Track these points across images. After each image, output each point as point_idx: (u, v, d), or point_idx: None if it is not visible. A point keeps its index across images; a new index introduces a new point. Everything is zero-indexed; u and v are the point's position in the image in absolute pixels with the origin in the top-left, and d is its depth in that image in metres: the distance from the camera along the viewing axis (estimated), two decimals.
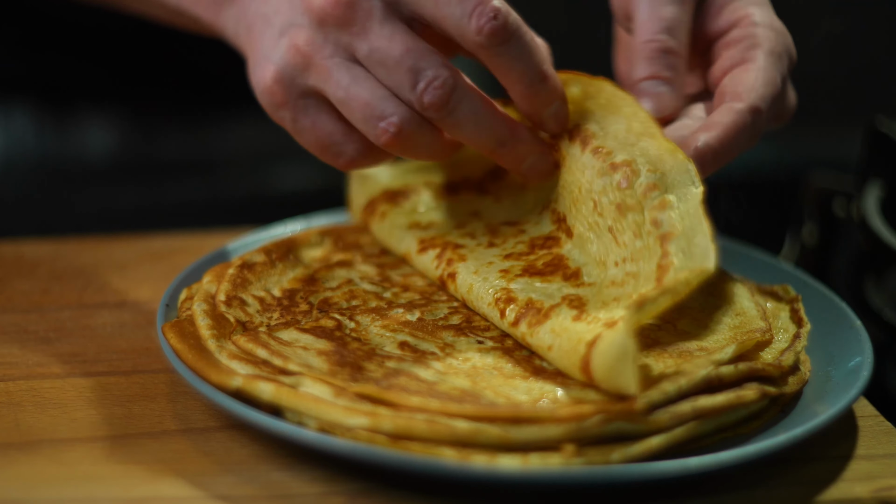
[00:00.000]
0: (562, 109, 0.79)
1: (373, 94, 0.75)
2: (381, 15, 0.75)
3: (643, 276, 0.75)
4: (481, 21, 0.73)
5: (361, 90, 0.75)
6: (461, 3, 0.73)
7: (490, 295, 0.81)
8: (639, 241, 0.77)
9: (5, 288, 0.95)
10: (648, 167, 0.77)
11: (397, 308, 0.84)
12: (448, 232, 0.89)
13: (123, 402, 0.78)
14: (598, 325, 0.73)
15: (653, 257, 0.75)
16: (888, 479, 0.72)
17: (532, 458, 0.67)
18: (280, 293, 0.85)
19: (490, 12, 0.73)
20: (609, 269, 0.79)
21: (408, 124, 0.75)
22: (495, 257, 0.85)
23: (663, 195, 0.76)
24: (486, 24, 0.73)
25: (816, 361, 0.81)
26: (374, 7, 0.75)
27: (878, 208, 0.99)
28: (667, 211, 0.76)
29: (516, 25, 0.74)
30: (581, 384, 0.73)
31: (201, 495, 0.69)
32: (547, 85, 0.77)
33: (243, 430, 0.75)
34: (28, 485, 0.69)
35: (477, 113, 0.75)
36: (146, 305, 0.91)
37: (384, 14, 0.75)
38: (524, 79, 0.76)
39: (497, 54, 0.74)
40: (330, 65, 0.76)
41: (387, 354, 0.76)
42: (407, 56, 0.74)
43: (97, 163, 1.27)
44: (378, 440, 0.68)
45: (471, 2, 0.73)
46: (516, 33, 0.74)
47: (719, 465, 0.68)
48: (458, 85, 0.74)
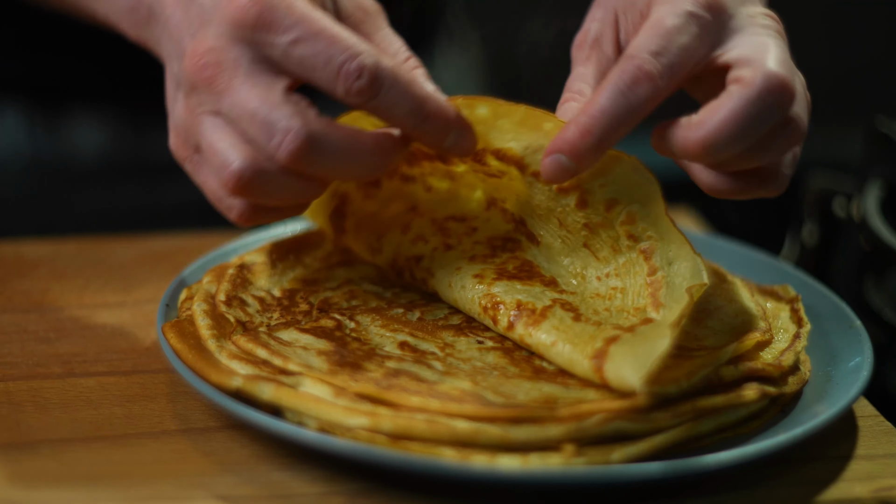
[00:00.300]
0: (461, 138, 0.78)
1: (222, 144, 0.76)
2: (245, 71, 0.75)
3: (631, 292, 0.77)
4: (348, 83, 0.73)
5: (216, 141, 0.76)
6: (326, 67, 0.73)
7: (476, 304, 0.81)
8: (620, 256, 0.78)
9: (5, 288, 0.95)
10: (599, 182, 0.77)
11: (397, 308, 0.84)
12: (399, 243, 0.88)
13: (123, 402, 0.78)
14: (608, 329, 0.73)
15: (639, 272, 0.77)
16: (888, 479, 0.72)
17: (532, 458, 0.67)
18: (280, 293, 0.85)
19: (355, 73, 0.73)
20: (590, 283, 0.80)
21: (249, 172, 0.75)
22: (461, 261, 0.84)
23: (626, 208, 0.77)
24: (353, 84, 0.73)
25: (816, 361, 0.81)
26: (240, 63, 0.75)
27: (878, 208, 0.99)
28: (637, 223, 0.77)
29: (385, 75, 0.73)
30: (581, 384, 0.73)
31: (201, 495, 0.69)
32: (432, 123, 0.76)
33: (243, 430, 0.75)
34: (28, 485, 0.69)
35: (338, 153, 0.75)
36: (146, 305, 0.91)
37: (249, 70, 0.75)
38: (406, 123, 0.76)
39: (372, 107, 0.75)
40: (201, 121, 0.77)
41: (387, 354, 0.76)
42: (259, 111, 0.74)
43: (92, 163, 1.27)
44: (378, 440, 0.68)
45: (335, 64, 0.73)
46: (386, 83, 0.74)
47: (719, 465, 0.68)
48: (311, 133, 0.73)
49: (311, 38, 0.73)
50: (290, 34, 0.74)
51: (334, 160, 0.74)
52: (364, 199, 0.89)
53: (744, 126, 0.72)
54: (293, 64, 0.74)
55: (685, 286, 0.75)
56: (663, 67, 0.74)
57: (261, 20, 0.74)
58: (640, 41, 0.75)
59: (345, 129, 0.75)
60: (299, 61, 0.74)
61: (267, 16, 0.74)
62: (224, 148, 0.75)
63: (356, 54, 0.73)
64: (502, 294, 0.80)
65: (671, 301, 0.75)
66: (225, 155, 0.75)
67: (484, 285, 0.81)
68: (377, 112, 0.75)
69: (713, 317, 0.83)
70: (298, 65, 0.74)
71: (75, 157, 1.27)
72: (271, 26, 0.74)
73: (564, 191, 0.78)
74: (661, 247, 0.77)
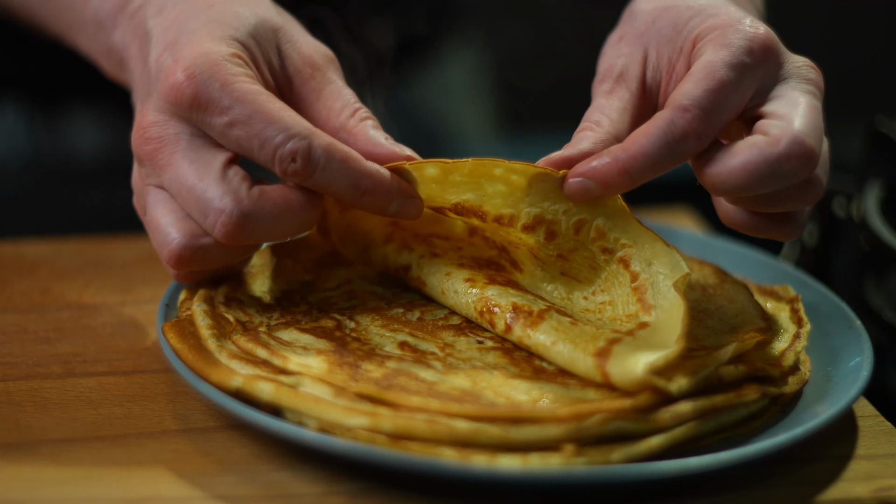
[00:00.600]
0: (405, 205, 0.79)
1: (163, 220, 0.77)
2: (184, 146, 0.76)
3: (620, 302, 0.78)
4: (283, 165, 0.74)
5: (158, 216, 0.77)
6: (262, 150, 0.74)
7: (472, 308, 0.81)
8: (601, 272, 0.79)
9: (5, 288, 0.95)
10: (562, 208, 0.78)
11: (397, 308, 0.84)
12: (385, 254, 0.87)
13: (123, 402, 0.78)
14: (608, 332, 0.74)
15: (622, 282, 0.78)
16: (888, 479, 0.72)
17: (532, 458, 0.67)
18: (280, 293, 0.85)
19: (289, 156, 0.74)
20: (577, 302, 0.81)
21: (188, 250, 0.77)
22: (450, 267, 0.84)
23: (592, 224, 0.78)
24: (288, 166, 0.74)
25: (816, 361, 0.81)
26: (181, 139, 0.76)
27: (878, 208, 0.99)
28: (608, 235, 0.78)
29: (318, 156, 0.74)
30: (581, 383, 0.73)
31: (201, 495, 0.69)
32: (371, 196, 0.77)
33: (243, 430, 0.75)
34: (28, 485, 0.69)
35: (270, 222, 0.75)
36: (146, 305, 0.91)
37: (188, 145, 0.76)
38: (345, 197, 0.77)
39: (310, 185, 0.76)
40: (148, 192, 0.78)
41: (387, 354, 0.76)
42: (195, 189, 0.75)
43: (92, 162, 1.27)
44: (378, 440, 0.68)
45: (270, 148, 0.74)
46: (321, 164, 0.74)
47: (719, 465, 0.68)
48: (243, 212, 0.74)
49: (247, 120, 0.74)
50: (226, 116, 0.74)
51: (267, 229, 0.76)
52: (341, 213, 0.89)
53: (757, 179, 0.73)
54: (230, 144, 0.75)
55: (669, 283, 0.75)
56: (712, 126, 0.74)
57: (196, 101, 0.75)
58: (692, 92, 0.74)
59: (276, 195, 0.75)
60: (236, 142, 0.75)
61: (202, 97, 0.75)
62: (165, 224, 0.77)
63: (290, 137, 0.74)
64: (496, 297, 0.80)
65: (659, 299, 0.75)
66: (166, 231, 0.77)
67: (477, 289, 0.81)
68: (317, 188, 0.76)
69: (713, 317, 0.83)
70: (235, 145, 0.75)
71: (75, 157, 1.27)
72: (207, 107, 0.75)
73: (530, 228, 0.78)
74: (637, 251, 0.77)
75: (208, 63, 0.75)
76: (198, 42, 0.76)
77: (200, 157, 0.75)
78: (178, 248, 0.76)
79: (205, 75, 0.74)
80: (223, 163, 0.75)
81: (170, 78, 0.75)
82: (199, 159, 0.75)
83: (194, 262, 0.77)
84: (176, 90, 0.75)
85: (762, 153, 0.72)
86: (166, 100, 0.76)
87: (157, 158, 0.76)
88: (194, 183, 0.75)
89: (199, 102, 0.74)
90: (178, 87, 0.75)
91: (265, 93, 0.75)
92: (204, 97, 0.74)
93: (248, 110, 0.74)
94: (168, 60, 0.77)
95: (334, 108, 0.80)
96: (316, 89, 0.81)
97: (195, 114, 0.75)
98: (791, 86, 0.77)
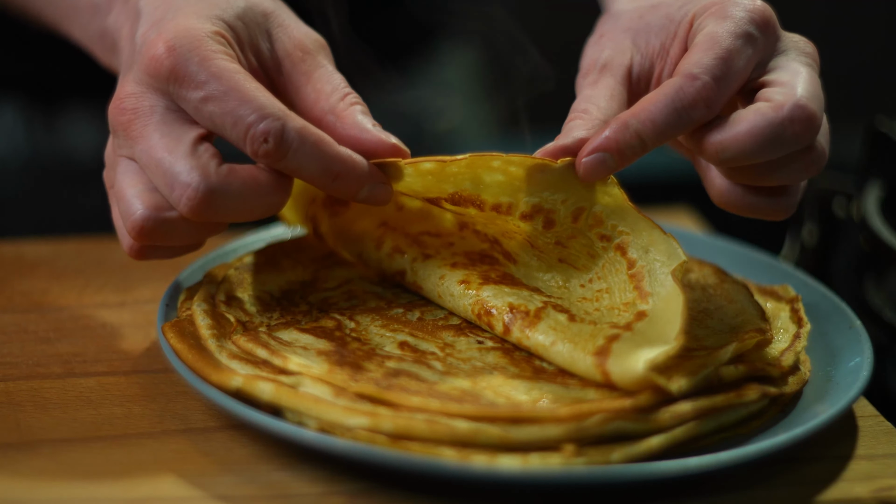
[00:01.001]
0: (375, 190, 0.79)
1: (130, 191, 0.77)
2: (158, 119, 0.76)
3: (617, 290, 0.78)
4: (255, 145, 0.74)
5: (125, 187, 0.77)
6: (234, 128, 0.74)
7: (469, 311, 0.81)
8: (599, 259, 0.79)
9: (5, 288, 0.95)
10: (560, 198, 0.78)
11: (397, 308, 0.84)
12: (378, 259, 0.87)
13: (123, 402, 0.78)
14: (605, 328, 0.74)
15: (619, 269, 0.77)
16: (888, 479, 0.72)
17: (532, 458, 0.67)
18: (279, 293, 0.85)
19: (261, 136, 0.73)
20: (574, 291, 0.80)
21: (150, 222, 0.76)
22: (443, 269, 0.83)
23: (590, 211, 0.78)
24: (260, 147, 0.74)
25: (816, 361, 0.81)
26: (155, 111, 0.76)
27: (878, 208, 0.99)
28: (605, 222, 0.78)
29: (291, 139, 0.74)
30: (582, 383, 0.73)
31: (201, 495, 0.69)
32: (342, 181, 0.77)
33: (243, 430, 0.75)
34: (28, 485, 0.69)
35: (237, 200, 0.75)
36: (146, 305, 0.91)
37: (162, 119, 0.76)
38: (316, 181, 0.76)
39: (281, 167, 0.75)
40: (118, 162, 0.78)
41: (387, 354, 0.76)
42: (163, 162, 0.74)
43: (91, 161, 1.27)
44: (378, 440, 0.68)
45: (242, 126, 0.73)
46: (293, 147, 0.74)
47: (719, 465, 0.68)
48: (209, 187, 0.74)
49: (221, 96, 0.74)
50: (202, 91, 0.74)
51: (233, 207, 0.75)
52: (332, 218, 0.89)
53: (762, 144, 0.73)
54: (204, 119, 0.75)
55: (666, 270, 0.75)
56: (721, 94, 0.75)
57: (174, 74, 0.75)
58: (700, 59, 0.75)
59: (245, 174, 0.75)
60: (209, 118, 0.75)
61: (180, 70, 0.74)
62: (131, 195, 0.76)
63: (263, 117, 0.73)
64: (492, 298, 0.79)
65: (656, 287, 0.75)
66: (130, 202, 0.76)
67: (472, 290, 0.81)
68: (287, 171, 0.76)
69: (713, 317, 0.83)
70: (209, 121, 0.75)
71: (74, 157, 1.27)
72: (184, 80, 0.75)
73: (529, 216, 0.78)
74: (634, 238, 0.77)
75: (190, 38, 0.75)
76: (183, 18, 0.77)
77: (172, 130, 0.75)
78: (141, 220, 0.76)
79: (184, 49, 0.74)
80: (194, 138, 0.75)
81: (151, 50, 0.75)
82: (171, 133, 0.75)
83: (156, 235, 0.76)
84: (155, 62, 0.75)
85: (767, 118, 0.73)
86: (145, 71, 0.76)
87: (130, 129, 0.76)
88: (163, 156, 0.74)
89: (177, 75, 0.74)
90: (157, 58, 0.75)
91: (243, 72, 0.75)
92: (181, 70, 0.74)
93: (224, 87, 0.74)
94: (153, 34, 0.77)
95: (323, 91, 0.80)
96: (306, 72, 0.81)
97: (172, 86, 0.75)
98: (791, 57, 0.78)
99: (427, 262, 0.84)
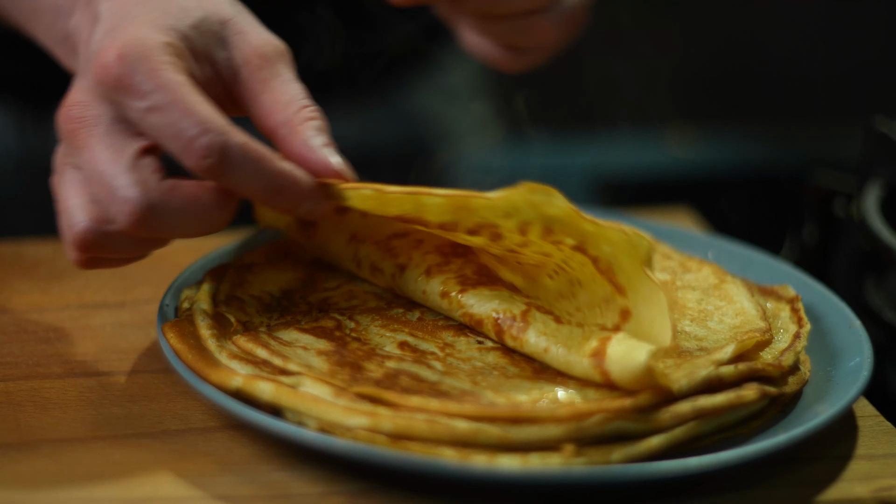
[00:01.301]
0: (316, 206, 0.77)
1: (72, 202, 0.76)
2: (103, 130, 0.75)
3: (587, 285, 0.76)
4: (196, 160, 0.73)
5: (68, 197, 0.76)
6: (176, 140, 0.73)
7: (461, 320, 0.81)
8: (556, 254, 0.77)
9: (5, 288, 0.95)
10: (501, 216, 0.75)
11: (397, 308, 0.84)
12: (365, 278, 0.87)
13: (123, 402, 0.78)
14: (595, 330, 0.74)
15: (583, 262, 0.75)
16: (888, 479, 0.72)
17: (532, 458, 0.67)
18: (279, 293, 0.85)
19: (202, 151, 0.72)
20: (546, 285, 0.79)
21: (91, 235, 0.75)
22: (422, 283, 0.83)
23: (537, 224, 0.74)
24: (201, 161, 0.73)
25: (816, 361, 0.81)
26: (101, 122, 0.75)
27: (878, 208, 0.99)
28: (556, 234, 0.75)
29: (233, 155, 0.73)
30: (581, 383, 0.73)
31: (201, 495, 0.69)
32: (283, 197, 0.76)
33: (243, 430, 0.75)
34: (28, 485, 0.69)
35: (178, 216, 0.74)
36: (146, 305, 0.91)
37: (107, 129, 0.75)
38: (258, 196, 0.76)
39: (223, 183, 0.74)
40: (63, 171, 0.77)
41: (387, 354, 0.76)
42: (105, 174, 0.74)
43: None
44: (378, 440, 0.68)
45: (183, 139, 0.72)
46: (235, 163, 0.73)
47: (719, 465, 0.68)
48: (149, 203, 0.73)
49: (165, 107, 0.73)
50: (146, 101, 0.73)
51: (174, 224, 0.74)
52: (308, 241, 0.88)
53: None
54: (148, 130, 0.74)
55: (628, 260, 0.73)
56: None
57: (120, 82, 0.74)
58: None
59: (187, 190, 0.74)
60: (153, 129, 0.74)
61: (127, 78, 0.74)
62: (73, 206, 0.76)
63: (205, 132, 0.72)
64: (476, 307, 0.79)
65: (628, 279, 0.73)
66: (72, 213, 0.76)
67: (455, 301, 0.80)
68: (230, 186, 0.75)
69: (713, 317, 0.83)
70: (153, 132, 0.74)
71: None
72: (130, 89, 0.74)
73: (474, 232, 0.76)
74: (590, 239, 0.75)
75: (140, 48, 0.74)
76: (136, 27, 0.76)
77: (116, 142, 0.74)
78: (83, 232, 0.75)
79: (133, 58, 0.74)
80: (137, 150, 0.74)
81: (102, 58, 0.75)
82: (114, 144, 0.74)
83: (97, 248, 0.76)
84: (104, 70, 0.74)
85: None
86: (94, 79, 0.75)
87: (76, 138, 0.76)
88: (105, 168, 0.74)
89: (123, 84, 0.74)
90: (106, 67, 0.74)
91: (189, 84, 0.74)
92: (128, 79, 0.73)
93: (168, 98, 0.73)
94: (106, 42, 0.76)
95: (280, 102, 0.79)
96: (263, 80, 0.79)
97: (118, 95, 0.74)
98: None
99: (405, 276, 0.84)
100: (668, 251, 0.94)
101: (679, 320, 0.82)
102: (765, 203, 0.87)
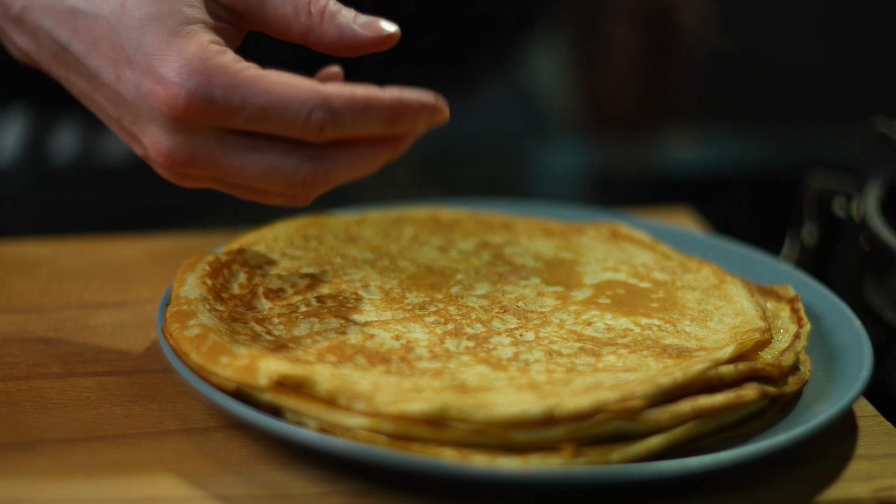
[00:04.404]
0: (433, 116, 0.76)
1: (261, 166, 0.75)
2: (221, 151, 0.74)
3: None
4: (313, 135, 0.73)
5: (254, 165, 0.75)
6: (290, 130, 0.73)
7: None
8: None
9: (5, 288, 0.95)
10: None
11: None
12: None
13: (123, 402, 0.78)
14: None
15: None
16: (888, 479, 0.72)
17: (532, 458, 0.67)
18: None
19: (316, 128, 0.73)
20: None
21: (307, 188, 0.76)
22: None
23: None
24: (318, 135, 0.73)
25: (816, 361, 0.81)
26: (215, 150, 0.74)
27: (878, 208, 0.99)
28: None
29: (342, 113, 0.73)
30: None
31: (201, 495, 0.69)
32: (404, 119, 0.75)
33: (243, 430, 0.75)
34: (28, 485, 0.69)
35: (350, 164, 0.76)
36: (146, 305, 0.91)
37: (224, 150, 0.74)
38: (379, 133, 0.75)
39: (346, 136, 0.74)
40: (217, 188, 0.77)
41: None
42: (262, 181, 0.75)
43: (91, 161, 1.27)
44: (378, 440, 0.68)
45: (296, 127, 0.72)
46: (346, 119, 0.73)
47: (719, 465, 0.68)
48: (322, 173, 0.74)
49: (262, 113, 0.72)
50: (240, 116, 0.72)
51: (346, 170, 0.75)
52: None
53: None
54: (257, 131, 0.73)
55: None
56: None
57: (206, 115, 0.72)
58: None
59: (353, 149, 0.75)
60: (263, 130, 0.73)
61: (210, 110, 0.72)
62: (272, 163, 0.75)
63: (309, 111, 0.72)
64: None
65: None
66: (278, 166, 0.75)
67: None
68: (353, 136, 0.75)
69: (713, 317, 0.83)
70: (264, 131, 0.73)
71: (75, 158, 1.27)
72: (218, 116, 0.72)
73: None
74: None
75: (197, 70, 0.72)
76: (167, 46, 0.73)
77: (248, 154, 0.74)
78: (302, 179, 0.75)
79: (201, 86, 0.71)
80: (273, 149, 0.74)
81: (163, 98, 0.72)
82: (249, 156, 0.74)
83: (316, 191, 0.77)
84: (179, 111, 0.72)
85: None
86: (172, 119, 0.72)
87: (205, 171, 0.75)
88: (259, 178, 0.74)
89: (210, 115, 0.72)
90: (178, 107, 0.72)
91: (261, 73, 0.73)
92: (212, 109, 0.72)
93: (260, 102, 0.72)
94: (145, 81, 0.73)
95: (287, 16, 0.77)
96: (258, 4, 0.78)
97: (210, 121, 0.73)
98: None
99: None
100: (668, 251, 0.94)
101: (679, 320, 0.82)
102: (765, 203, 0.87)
